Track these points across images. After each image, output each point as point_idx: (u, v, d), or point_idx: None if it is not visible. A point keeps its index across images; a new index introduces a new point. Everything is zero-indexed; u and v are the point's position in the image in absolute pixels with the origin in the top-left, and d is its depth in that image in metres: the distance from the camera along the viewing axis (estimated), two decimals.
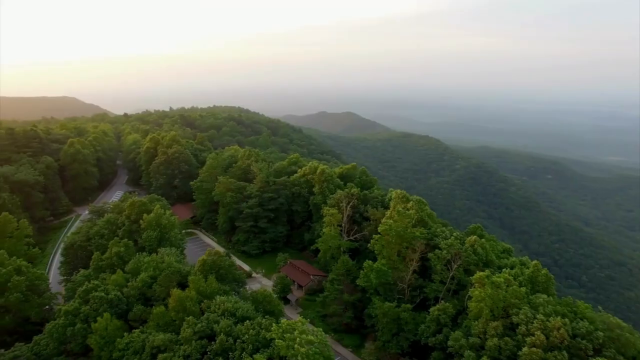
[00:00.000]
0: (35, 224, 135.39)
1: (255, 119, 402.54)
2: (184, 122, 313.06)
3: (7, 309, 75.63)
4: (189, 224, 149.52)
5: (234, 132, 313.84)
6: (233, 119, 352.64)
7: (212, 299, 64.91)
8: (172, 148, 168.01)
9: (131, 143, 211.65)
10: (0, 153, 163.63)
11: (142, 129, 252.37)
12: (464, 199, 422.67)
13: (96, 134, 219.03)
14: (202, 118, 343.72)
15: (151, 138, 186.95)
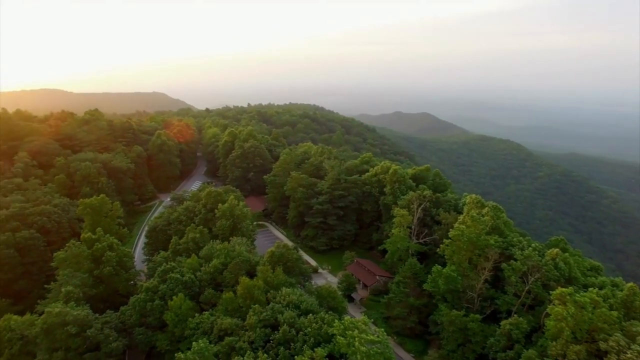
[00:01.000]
0: (126, 207, 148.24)
1: (329, 117, 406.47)
2: (261, 118, 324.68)
3: (102, 280, 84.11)
4: (261, 217, 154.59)
5: (308, 130, 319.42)
6: (308, 117, 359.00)
7: (278, 290, 66.43)
8: (248, 142, 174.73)
9: (211, 136, 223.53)
10: (101, 142, 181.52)
11: (222, 124, 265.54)
12: (547, 209, 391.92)
13: (180, 127, 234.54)
14: (278, 115, 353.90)
15: (229, 132, 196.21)
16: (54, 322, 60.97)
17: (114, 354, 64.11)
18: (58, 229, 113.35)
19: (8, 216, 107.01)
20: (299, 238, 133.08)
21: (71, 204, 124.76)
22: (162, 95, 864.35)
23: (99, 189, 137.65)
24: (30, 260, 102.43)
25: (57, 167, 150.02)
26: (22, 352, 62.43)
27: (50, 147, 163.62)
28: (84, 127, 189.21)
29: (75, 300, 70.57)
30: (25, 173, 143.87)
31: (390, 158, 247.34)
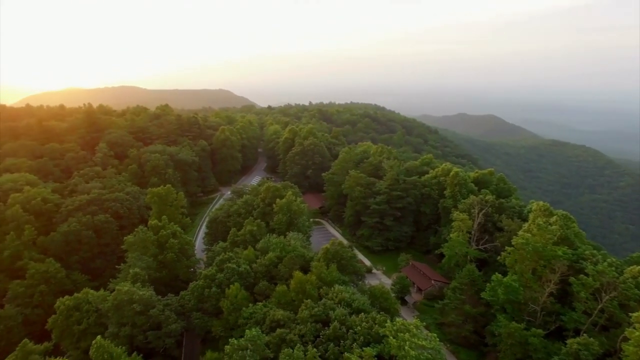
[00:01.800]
0: (189, 197, 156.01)
1: (390, 117, 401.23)
2: (321, 117, 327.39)
3: (165, 265, 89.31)
4: (317, 214, 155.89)
5: (368, 129, 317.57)
6: (368, 116, 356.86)
7: (330, 287, 66.66)
8: (308, 140, 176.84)
9: (272, 133, 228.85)
10: (169, 136, 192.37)
11: (283, 121, 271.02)
12: (628, 222, 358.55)
13: (243, 123, 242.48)
14: (339, 113, 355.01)
15: (290, 130, 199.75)
16: (123, 299, 65.59)
17: (173, 334, 67.71)
18: (129, 214, 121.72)
19: (89, 201, 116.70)
20: (355, 237, 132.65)
21: (141, 192, 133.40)
22: (228, 93, 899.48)
23: (166, 179, 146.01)
24: (105, 241, 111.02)
25: (130, 158, 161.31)
26: (97, 323, 67.83)
27: (125, 139, 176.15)
28: (155, 121, 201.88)
29: (141, 282, 75.46)
30: (104, 162, 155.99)
31: (452, 161, 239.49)
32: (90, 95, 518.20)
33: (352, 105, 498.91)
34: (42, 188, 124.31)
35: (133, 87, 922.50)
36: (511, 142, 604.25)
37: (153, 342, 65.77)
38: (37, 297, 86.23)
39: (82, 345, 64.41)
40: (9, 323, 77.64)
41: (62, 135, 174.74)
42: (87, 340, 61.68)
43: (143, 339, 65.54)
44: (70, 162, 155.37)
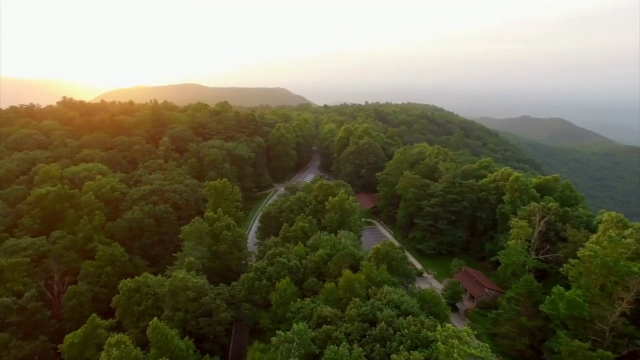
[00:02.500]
0: (244, 192, 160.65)
1: (448, 119, 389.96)
2: (377, 116, 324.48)
3: (218, 256, 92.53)
4: (369, 214, 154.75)
5: (424, 130, 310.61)
6: (425, 117, 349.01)
7: (379, 287, 65.80)
8: (363, 139, 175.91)
9: (327, 132, 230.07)
10: (227, 131, 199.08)
11: (338, 120, 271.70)
12: None
13: (299, 121, 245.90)
14: (395, 114, 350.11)
15: (345, 128, 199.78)
16: (178, 285, 68.69)
17: (223, 322, 69.91)
18: (187, 206, 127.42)
19: (151, 191, 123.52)
20: (406, 239, 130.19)
21: (199, 185, 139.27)
22: (285, 91, 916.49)
23: (222, 173, 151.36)
24: (164, 230, 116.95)
25: (190, 152, 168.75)
26: (154, 305, 71.65)
27: (186, 133, 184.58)
28: (214, 117, 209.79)
29: (196, 270, 78.66)
30: (166, 155, 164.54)
31: (513, 165, 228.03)
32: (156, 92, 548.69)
33: (409, 106, 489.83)
34: (112, 177, 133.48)
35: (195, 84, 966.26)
36: (580, 147, 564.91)
37: (204, 329, 68.30)
38: (104, 277, 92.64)
39: (140, 325, 68.28)
40: (81, 298, 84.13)
41: (130, 129, 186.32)
42: (145, 320, 65.29)
43: (195, 325, 68.24)
44: (136, 154, 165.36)
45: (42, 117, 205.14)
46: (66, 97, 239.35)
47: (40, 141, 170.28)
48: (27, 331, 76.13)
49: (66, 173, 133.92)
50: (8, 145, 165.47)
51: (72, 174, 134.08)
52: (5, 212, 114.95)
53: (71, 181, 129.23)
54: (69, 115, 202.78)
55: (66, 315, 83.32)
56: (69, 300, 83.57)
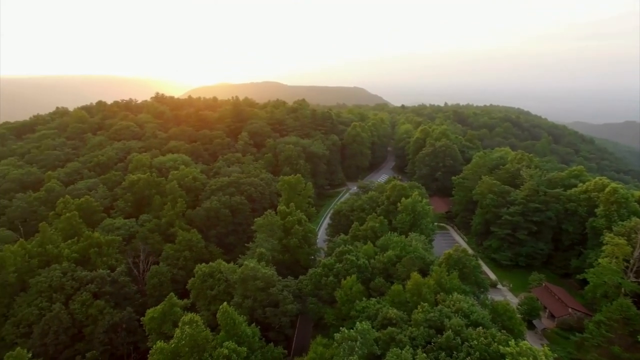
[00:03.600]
0: (317, 189, 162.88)
1: (534, 123, 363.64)
2: (456, 118, 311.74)
3: (288, 249, 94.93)
4: (442, 218, 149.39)
5: (507, 134, 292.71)
6: (509, 120, 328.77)
7: (449, 294, 63.04)
8: (440, 141, 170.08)
9: (403, 132, 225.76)
10: (304, 129, 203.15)
11: (415, 121, 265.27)
12: None
13: (375, 120, 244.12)
14: (476, 116, 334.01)
15: (422, 130, 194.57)
16: (248, 274, 71.30)
17: (289, 314, 71.38)
18: (261, 199, 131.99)
19: (228, 183, 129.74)
20: (481, 247, 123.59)
21: (273, 179, 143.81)
22: (362, 90, 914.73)
23: (297, 169, 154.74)
24: (238, 221, 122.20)
25: (267, 147, 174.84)
26: (225, 291, 75.16)
27: (264, 129, 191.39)
28: (291, 114, 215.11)
29: (266, 261, 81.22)
30: (244, 149, 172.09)
31: (610, 176, 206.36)
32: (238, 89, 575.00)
33: (491, 108, 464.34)
34: (194, 168, 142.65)
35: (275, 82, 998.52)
36: None
37: (270, 318, 70.20)
38: (182, 260, 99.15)
39: (212, 308, 71.88)
40: (161, 278, 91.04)
41: (213, 123, 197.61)
42: (216, 304, 68.56)
43: (262, 313, 70.38)
44: (217, 147, 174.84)
45: (138, 110, 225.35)
46: (159, 93, 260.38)
47: (135, 132, 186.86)
48: (117, 302, 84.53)
49: (155, 162, 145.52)
50: (110, 135, 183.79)
51: (159, 163, 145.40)
52: (104, 194, 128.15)
53: (159, 170, 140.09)
54: (160, 109, 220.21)
55: (148, 291, 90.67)
56: (151, 278, 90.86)
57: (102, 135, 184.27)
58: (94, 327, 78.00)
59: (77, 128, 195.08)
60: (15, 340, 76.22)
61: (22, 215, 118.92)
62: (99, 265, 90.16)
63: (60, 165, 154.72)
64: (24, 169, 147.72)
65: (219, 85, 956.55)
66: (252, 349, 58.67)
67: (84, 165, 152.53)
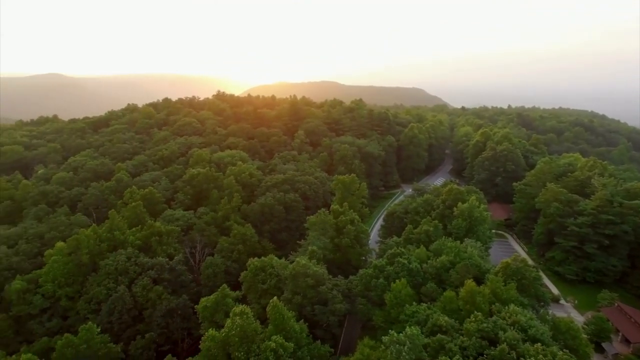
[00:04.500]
0: (371, 190, 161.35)
1: (611, 128, 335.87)
2: (520, 122, 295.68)
3: (339, 249, 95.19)
4: (501, 225, 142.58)
5: (578, 139, 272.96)
6: (580, 124, 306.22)
7: (505, 305, 59.83)
8: (502, 145, 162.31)
9: (462, 135, 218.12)
10: (360, 128, 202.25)
11: (475, 123, 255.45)
12: None
13: (433, 122, 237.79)
14: (542, 119, 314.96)
15: (482, 133, 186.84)
16: (299, 271, 71.98)
17: (337, 313, 71.18)
18: (314, 197, 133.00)
19: (283, 180, 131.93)
20: (542, 258, 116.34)
21: (327, 178, 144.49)
22: (420, 91, 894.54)
23: (351, 169, 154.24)
24: (291, 218, 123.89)
25: (322, 146, 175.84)
26: (276, 286, 76.58)
27: (320, 128, 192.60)
28: (348, 114, 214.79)
29: (317, 259, 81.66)
30: (300, 148, 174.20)
31: None
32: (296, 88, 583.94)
33: (561, 111, 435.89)
34: (250, 164, 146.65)
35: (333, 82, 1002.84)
36: None
37: (318, 316, 70.40)
38: (236, 253, 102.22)
39: (262, 301, 73.37)
40: (215, 269, 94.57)
41: (270, 121, 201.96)
42: (267, 298, 69.83)
43: (310, 311, 70.73)
44: (273, 145, 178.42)
45: (200, 107, 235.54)
46: (220, 91, 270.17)
47: (197, 128, 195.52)
48: (174, 288, 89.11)
49: (214, 157, 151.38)
50: (174, 130, 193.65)
51: (218, 158, 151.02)
52: (167, 186, 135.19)
53: (217, 165, 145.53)
54: (220, 107, 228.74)
55: (203, 281, 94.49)
56: (206, 268, 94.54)
57: (166, 131, 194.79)
58: (152, 311, 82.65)
59: (145, 123, 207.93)
60: (87, 315, 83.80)
61: (95, 203, 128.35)
62: (159, 253, 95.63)
63: (128, 158, 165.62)
64: (98, 160, 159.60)
65: (277, 84, 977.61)
66: (299, 344, 59.11)
67: (149, 158, 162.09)
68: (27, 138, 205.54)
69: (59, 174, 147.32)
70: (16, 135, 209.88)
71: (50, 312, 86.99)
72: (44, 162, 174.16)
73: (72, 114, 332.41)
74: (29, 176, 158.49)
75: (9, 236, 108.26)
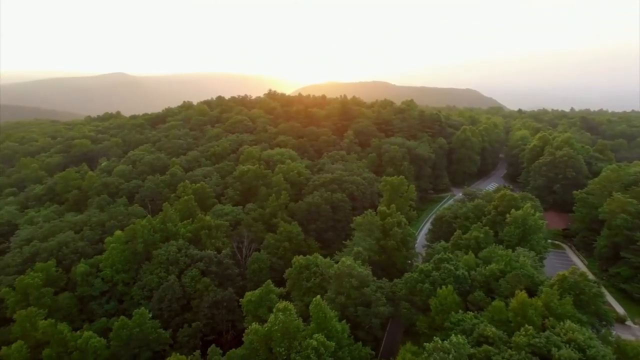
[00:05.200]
0: (420, 192, 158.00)
1: None
2: (584, 126, 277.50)
3: (385, 251, 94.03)
4: (558, 236, 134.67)
5: None
6: None
7: (560, 321, 56.28)
8: (562, 150, 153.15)
9: (518, 139, 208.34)
10: (410, 130, 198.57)
11: (533, 127, 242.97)
12: None
13: (487, 125, 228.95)
14: (610, 123, 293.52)
15: (541, 137, 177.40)
16: (344, 271, 71.70)
17: (380, 316, 70.23)
18: (362, 197, 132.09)
19: (331, 179, 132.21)
20: (605, 274, 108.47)
21: (375, 179, 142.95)
22: (475, 93, 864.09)
23: (400, 171, 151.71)
24: (338, 217, 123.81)
25: (372, 147, 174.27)
26: (320, 285, 76.81)
27: (370, 129, 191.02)
28: (398, 115, 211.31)
29: (362, 260, 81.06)
30: (348, 148, 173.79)
31: None
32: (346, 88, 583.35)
33: (633, 115, 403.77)
34: (299, 163, 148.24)
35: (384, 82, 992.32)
36: None
37: (361, 317, 69.81)
38: (282, 250, 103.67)
39: (305, 299, 73.84)
40: (261, 264, 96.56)
41: (320, 120, 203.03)
42: (310, 296, 70.28)
43: (353, 311, 70.25)
44: (322, 144, 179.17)
45: (252, 106, 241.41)
46: (271, 90, 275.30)
47: (248, 126, 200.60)
48: (221, 281, 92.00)
49: (263, 155, 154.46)
50: (226, 128, 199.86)
51: (268, 156, 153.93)
52: (217, 182, 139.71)
53: (266, 162, 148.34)
54: (271, 105, 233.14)
55: (248, 275, 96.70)
56: (252, 263, 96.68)
57: (219, 128, 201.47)
58: (199, 301, 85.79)
59: (199, 120, 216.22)
60: (140, 300, 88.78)
61: (150, 195, 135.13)
62: (207, 246, 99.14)
63: (182, 153, 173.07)
64: (155, 154, 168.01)
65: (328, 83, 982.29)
66: (340, 344, 58.88)
67: (201, 154, 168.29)
68: (94, 132, 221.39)
69: (119, 167, 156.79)
70: (85, 130, 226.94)
71: (109, 295, 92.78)
72: (107, 155, 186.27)
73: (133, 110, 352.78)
74: (94, 168, 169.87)
75: (76, 222, 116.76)
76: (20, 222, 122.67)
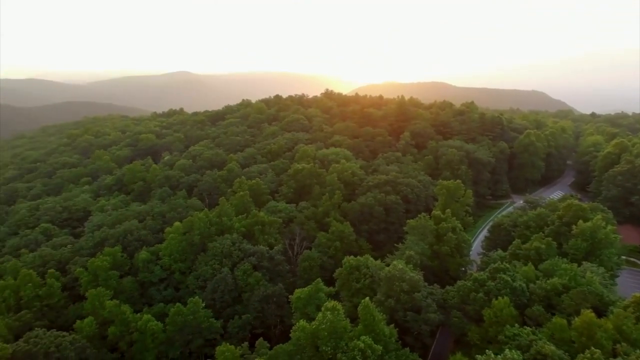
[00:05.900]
0: (477, 198, 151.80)
1: None
2: None
3: (438, 256, 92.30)
4: (634, 252, 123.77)
5: None
6: None
7: (635, 348, 51.37)
8: None
9: (589, 144, 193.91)
10: (469, 133, 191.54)
11: (608, 132, 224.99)
12: None
13: (554, 129, 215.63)
14: None
15: (617, 143, 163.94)
16: (395, 274, 70.58)
17: (430, 322, 68.33)
18: (416, 201, 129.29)
19: (385, 181, 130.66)
20: None
21: (431, 182, 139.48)
22: (542, 95, 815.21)
23: (457, 175, 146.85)
24: (391, 220, 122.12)
25: (428, 149, 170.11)
26: (369, 287, 76.18)
27: (427, 131, 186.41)
28: (457, 117, 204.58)
29: (413, 264, 79.37)
30: (404, 149, 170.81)
31: None
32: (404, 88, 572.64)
33: None
34: (353, 163, 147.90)
35: (443, 83, 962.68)
36: None
37: (410, 322, 68.26)
38: (333, 249, 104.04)
39: (354, 300, 73.45)
40: (311, 262, 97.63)
41: (376, 121, 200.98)
42: (359, 297, 69.68)
43: (402, 316, 68.89)
44: (378, 145, 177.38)
45: (309, 105, 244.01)
46: (328, 90, 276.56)
47: (304, 125, 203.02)
48: (271, 276, 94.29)
49: (318, 154, 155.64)
50: (282, 126, 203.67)
51: (322, 155, 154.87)
52: (272, 179, 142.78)
53: (321, 161, 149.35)
54: (328, 105, 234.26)
55: (299, 273, 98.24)
56: (303, 261, 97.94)
57: (275, 126, 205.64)
58: (250, 295, 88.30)
59: (256, 118, 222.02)
60: (195, 290, 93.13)
61: (208, 189, 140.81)
62: (260, 242, 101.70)
63: (240, 150, 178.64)
64: (214, 150, 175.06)
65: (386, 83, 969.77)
66: (387, 349, 57.94)
67: (258, 151, 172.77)
68: (159, 128, 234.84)
69: (180, 161, 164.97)
70: (151, 125, 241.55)
71: (166, 282, 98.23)
72: (169, 150, 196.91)
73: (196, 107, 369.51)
74: (158, 161, 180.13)
75: (140, 212, 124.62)
76: (93, 209, 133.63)
